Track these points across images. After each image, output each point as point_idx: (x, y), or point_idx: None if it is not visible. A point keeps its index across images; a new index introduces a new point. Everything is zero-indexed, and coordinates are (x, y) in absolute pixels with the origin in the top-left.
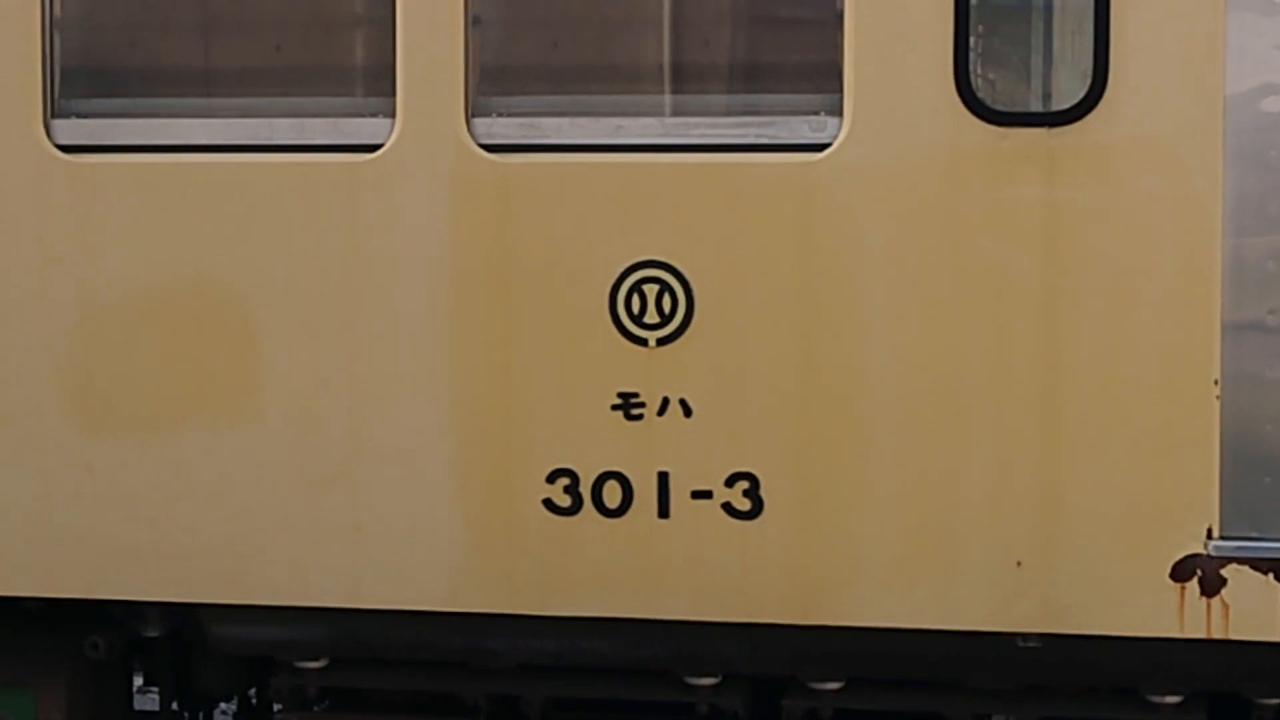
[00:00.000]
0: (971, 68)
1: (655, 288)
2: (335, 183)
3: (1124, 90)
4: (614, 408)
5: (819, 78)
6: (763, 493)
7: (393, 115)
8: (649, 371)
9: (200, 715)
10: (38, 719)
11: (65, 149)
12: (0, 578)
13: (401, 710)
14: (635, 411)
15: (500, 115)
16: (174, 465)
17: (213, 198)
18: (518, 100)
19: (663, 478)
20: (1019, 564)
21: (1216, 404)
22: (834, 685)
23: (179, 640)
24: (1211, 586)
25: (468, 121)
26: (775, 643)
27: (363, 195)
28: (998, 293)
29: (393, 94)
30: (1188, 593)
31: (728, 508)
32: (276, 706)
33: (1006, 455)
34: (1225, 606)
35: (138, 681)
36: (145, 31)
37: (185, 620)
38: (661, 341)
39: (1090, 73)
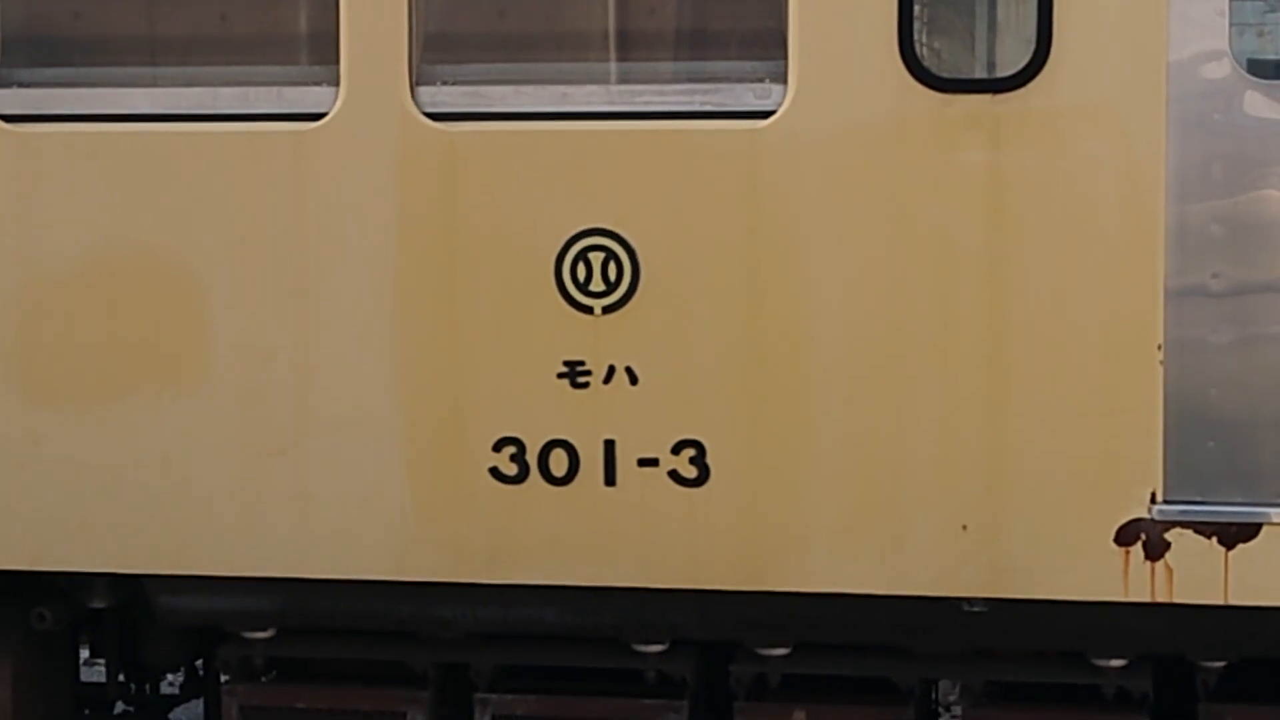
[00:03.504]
0: (916, 35)
1: (601, 255)
2: (280, 152)
3: (1067, 57)
4: (560, 376)
5: (764, 45)
6: (709, 460)
7: (337, 84)
8: (595, 340)
9: (147, 687)
10: None
11: (7, 119)
12: None
13: (350, 680)
14: (581, 380)
15: (445, 84)
16: (119, 436)
17: (157, 168)
18: (463, 69)
19: (609, 445)
20: (965, 528)
21: (1160, 369)
22: (782, 651)
23: (126, 612)
24: (1155, 550)
25: (412, 90)
26: (723, 609)
27: (307, 165)
28: (943, 259)
29: (337, 62)
30: (1132, 557)
31: (674, 475)
32: (224, 677)
33: (952, 421)
34: (1169, 570)
35: (84, 654)
36: (88, 1)
37: (132, 592)
38: (607, 310)
39: (1034, 40)
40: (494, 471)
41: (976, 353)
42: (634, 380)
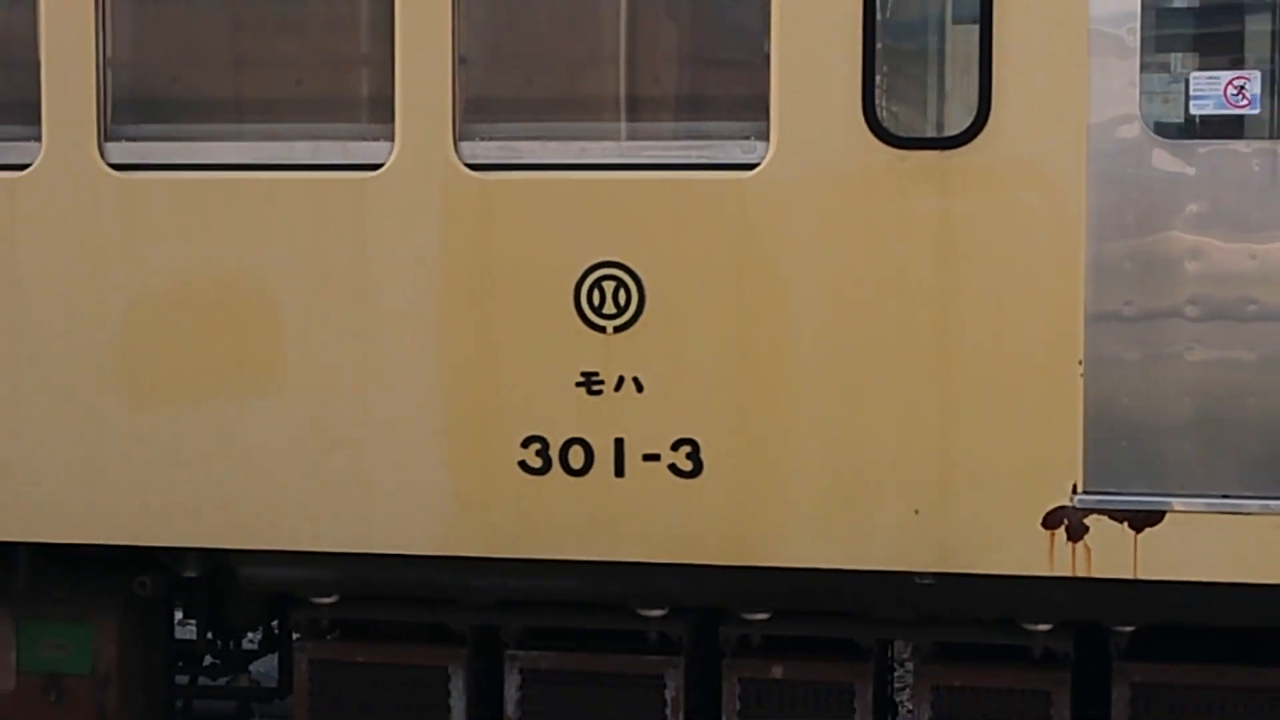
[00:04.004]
0: (877, 100)
1: (613, 284)
2: (344, 196)
3: (1003, 120)
4: (578, 384)
5: (750, 108)
6: (703, 455)
7: (392, 140)
8: (607, 354)
9: (230, 644)
10: (94, 649)
11: (116, 167)
12: (66, 528)
13: (401, 639)
14: (595, 388)
15: (482, 140)
16: (209, 432)
17: (241, 209)
18: (497, 127)
19: (619, 443)
20: (917, 513)
21: (1080, 381)
22: (763, 616)
23: (213, 580)
24: (1076, 533)
25: (455, 145)
26: (714, 581)
27: (367, 207)
28: (900, 288)
29: (392, 121)
30: (1056, 538)
31: (673, 468)
32: (295, 636)
33: (907, 423)
34: (1088, 550)
35: (178, 615)
36: (184, 68)
37: (219, 563)
38: (618, 329)
39: (975, 106)
40: (522, 464)
41: (928, 367)
42: (640, 388)
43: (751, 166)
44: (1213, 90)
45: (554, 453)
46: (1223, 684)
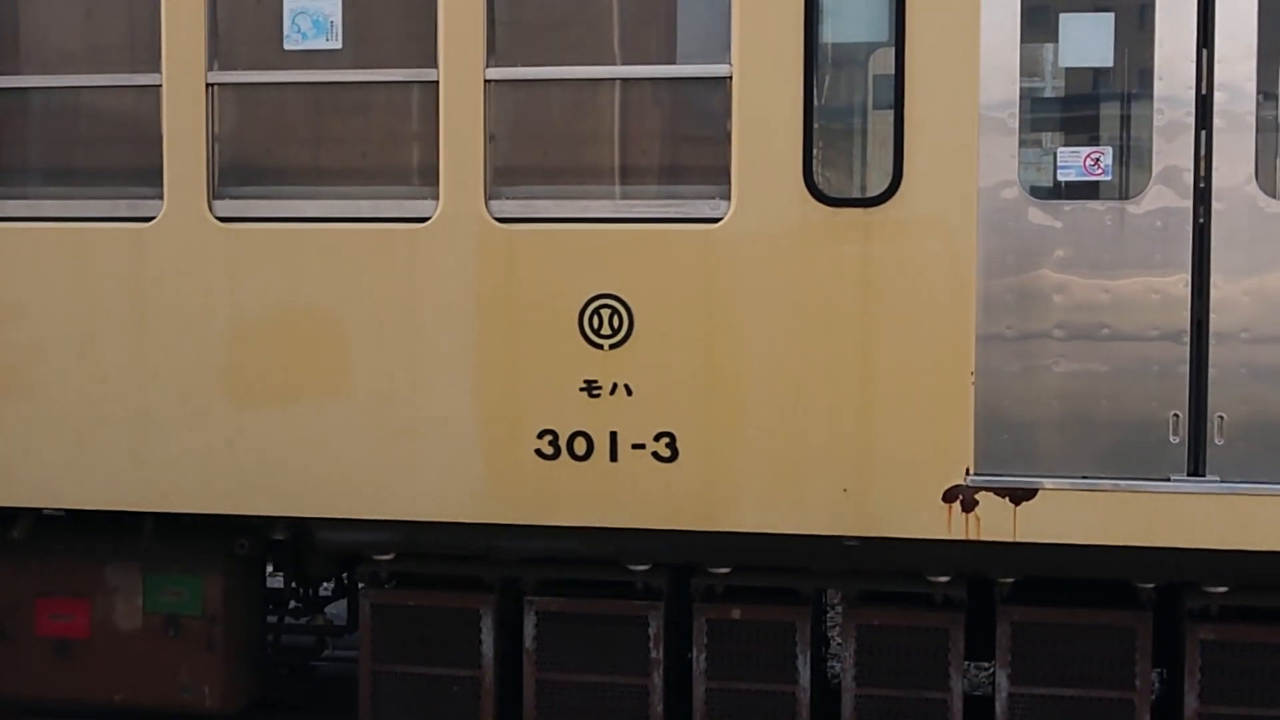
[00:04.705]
0: (814, 169)
1: (609, 311)
2: (400, 243)
3: (913, 185)
4: (580, 389)
5: (715, 175)
6: (679, 445)
7: (437, 199)
8: (604, 366)
9: (309, 591)
10: (204, 595)
11: (220, 219)
12: (183, 500)
13: (443, 587)
14: (595, 392)
15: (507, 199)
16: (293, 427)
17: (319, 252)
18: (519, 189)
19: (613, 435)
20: (845, 491)
21: (972, 388)
22: (725, 570)
23: (297, 542)
24: (969, 505)
25: (486, 203)
26: (687, 542)
27: (418, 251)
28: (832, 314)
29: (437, 184)
30: (953, 510)
31: (655, 455)
32: (360, 585)
33: (839, 420)
34: (977, 519)
35: (269, 569)
36: (274, 142)
37: (301, 529)
38: (612, 346)
39: (891, 173)
40: (538, 451)
41: (853, 376)
42: (629, 393)
43: (716, 220)
44: (1075, 161)
45: (562, 443)
46: (1080, 622)
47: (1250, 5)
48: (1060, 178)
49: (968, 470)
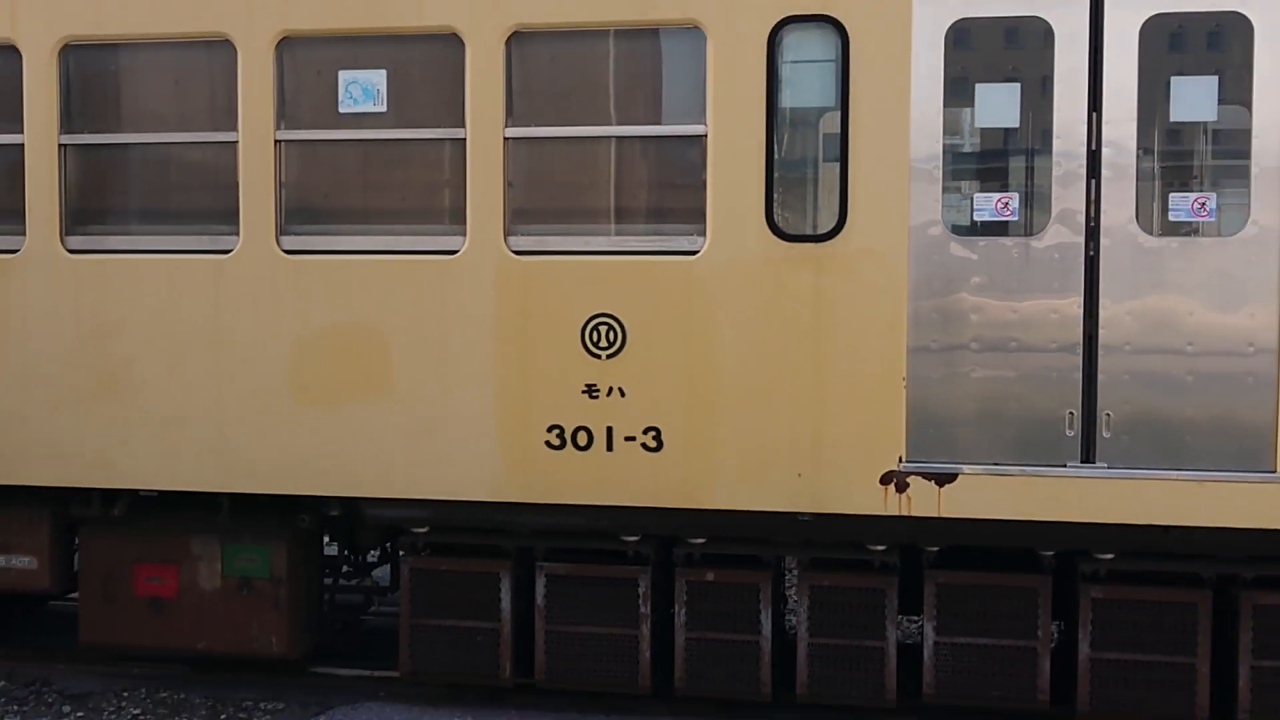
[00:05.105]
0: (775, 211)
1: (606, 327)
2: (433, 272)
3: (855, 224)
4: (583, 392)
5: (694, 215)
6: (663, 438)
7: (465, 235)
8: (602, 372)
9: (359, 558)
10: (272, 561)
11: (286, 252)
12: (254, 483)
13: (469, 554)
14: (594, 394)
15: (522, 235)
16: (345, 422)
17: (368, 279)
18: (532, 226)
19: (609, 429)
20: (800, 475)
21: (904, 391)
22: (701, 540)
23: (349, 517)
24: (901, 487)
25: (505, 238)
26: (670, 517)
27: (449, 278)
28: (789, 330)
29: (465, 223)
30: (889, 490)
31: (644, 446)
32: (401, 553)
33: (795, 417)
34: (908, 498)
35: (326, 540)
36: (330, 188)
37: (352, 506)
38: (609, 356)
39: (838, 214)
40: (547, 443)
41: (807, 381)
42: (623, 394)
43: (694, 253)
44: (988, 205)
45: (567, 435)
46: (993, 583)
47: (1131, 78)
48: (976, 218)
49: (900, 458)
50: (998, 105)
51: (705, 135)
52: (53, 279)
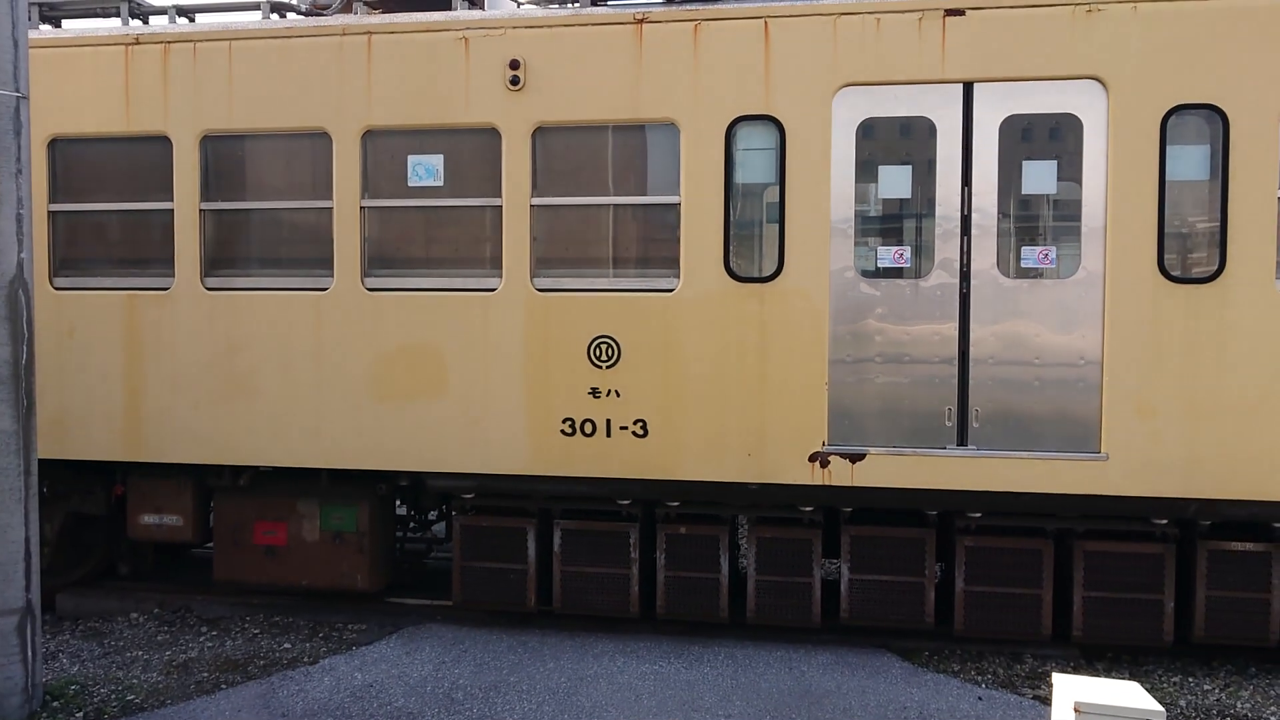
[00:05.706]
0: (731, 259)
1: (606, 346)
2: (478, 305)
3: (791, 269)
4: (588, 393)
5: (670, 262)
6: (648, 427)
7: (501, 276)
8: (603, 379)
9: (422, 517)
10: (358, 519)
11: (368, 289)
12: (345, 460)
13: (504, 514)
14: (597, 395)
15: (544, 276)
16: (412, 417)
17: (429, 309)
18: (551, 269)
19: (608, 421)
20: (749, 455)
21: (826, 392)
22: (675, 503)
23: (415, 486)
24: (824, 464)
25: (531, 279)
26: (652, 486)
27: (490, 311)
28: (741, 348)
29: (501, 268)
30: (815, 466)
31: (634, 433)
32: (454, 513)
33: (744, 413)
34: (829, 472)
35: (398, 503)
36: (400, 240)
37: (418, 479)
38: (608, 367)
39: (777, 261)
40: (562, 431)
41: (754, 385)
42: (618, 395)
43: (671, 290)
44: (888, 255)
45: (577, 426)
46: (892, 535)
47: (993, 162)
48: (879, 264)
49: (824, 442)
50: (895, 181)
51: (679, 203)
52: (195, 309)
